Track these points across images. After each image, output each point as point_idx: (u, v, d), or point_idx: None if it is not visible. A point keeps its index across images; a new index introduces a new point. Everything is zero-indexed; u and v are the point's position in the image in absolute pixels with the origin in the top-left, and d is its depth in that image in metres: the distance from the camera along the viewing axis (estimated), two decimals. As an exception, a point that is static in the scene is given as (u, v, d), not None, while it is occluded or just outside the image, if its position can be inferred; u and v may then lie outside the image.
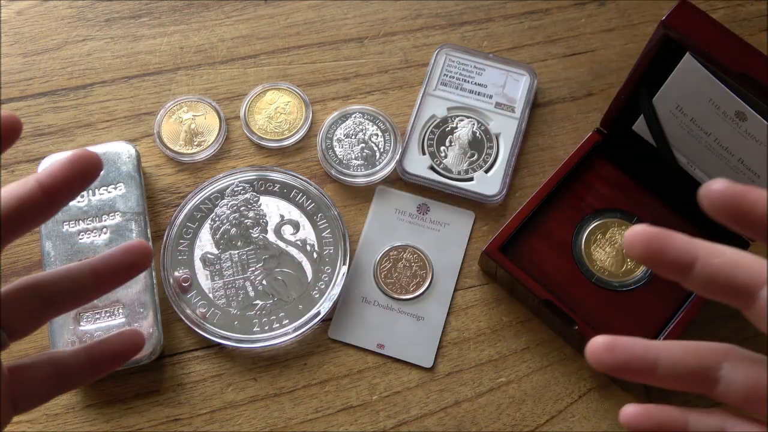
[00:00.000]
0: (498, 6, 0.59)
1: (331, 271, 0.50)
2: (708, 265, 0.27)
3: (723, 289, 0.27)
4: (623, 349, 0.28)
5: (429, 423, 0.48)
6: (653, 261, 0.27)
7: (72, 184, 0.32)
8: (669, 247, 0.27)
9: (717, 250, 0.27)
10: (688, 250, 0.27)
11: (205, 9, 0.59)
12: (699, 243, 0.27)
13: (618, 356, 0.28)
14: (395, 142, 0.54)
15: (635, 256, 0.27)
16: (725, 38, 0.41)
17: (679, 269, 0.27)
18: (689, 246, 0.27)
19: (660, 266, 0.27)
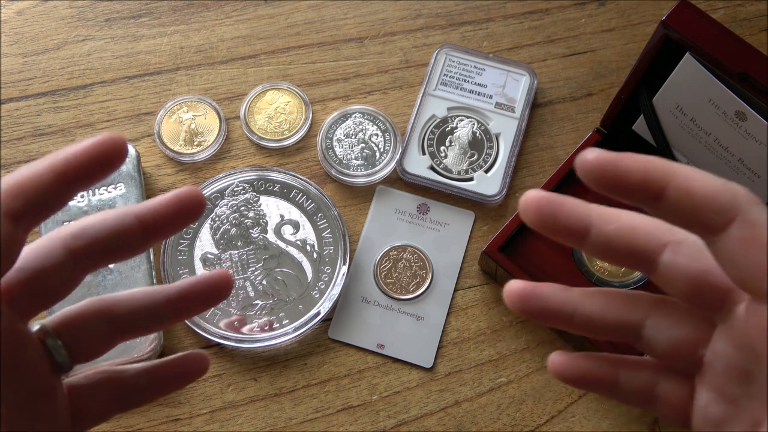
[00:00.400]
0: (498, 6, 0.59)
1: (331, 271, 0.50)
2: (603, 232, 0.26)
3: (621, 256, 0.26)
4: (537, 300, 0.27)
5: (429, 423, 0.48)
6: (545, 227, 0.26)
7: (173, 224, 0.29)
8: (561, 213, 0.26)
9: (612, 215, 0.26)
10: (582, 215, 0.26)
11: (205, 9, 0.59)
12: (593, 208, 0.26)
13: (532, 306, 0.27)
14: (395, 142, 0.54)
15: (528, 222, 0.26)
16: (725, 38, 0.41)
17: (573, 236, 0.26)
18: (582, 212, 0.26)
19: (553, 232, 0.26)
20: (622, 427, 0.48)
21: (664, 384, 0.27)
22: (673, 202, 0.23)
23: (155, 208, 0.28)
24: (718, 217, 0.23)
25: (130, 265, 0.48)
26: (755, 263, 0.22)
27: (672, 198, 0.23)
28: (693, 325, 0.26)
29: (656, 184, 0.24)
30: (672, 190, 0.23)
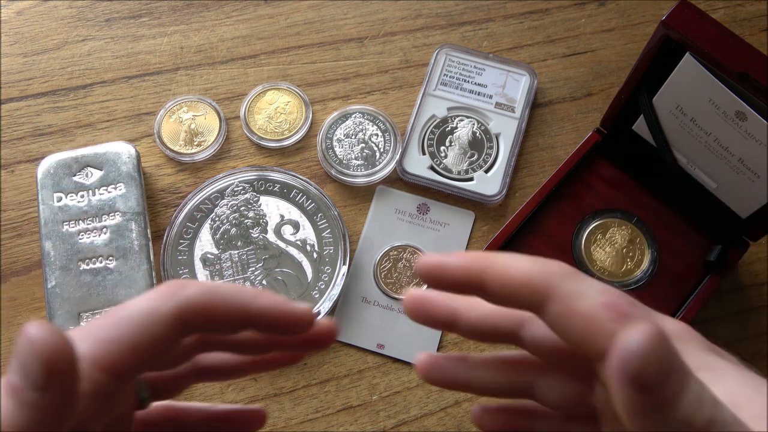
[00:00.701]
0: (498, 6, 0.59)
1: (331, 271, 0.50)
2: (469, 319, 0.29)
3: (489, 336, 0.29)
4: (439, 372, 0.31)
5: (429, 423, 0.48)
6: (421, 320, 0.29)
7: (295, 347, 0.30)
8: (431, 308, 0.29)
9: (474, 303, 0.29)
10: (448, 308, 0.29)
11: (205, 9, 0.59)
12: (459, 300, 0.29)
13: (435, 377, 0.31)
14: (395, 142, 0.54)
15: (409, 317, 0.29)
16: (725, 38, 0.41)
17: (446, 325, 0.29)
18: (448, 305, 0.29)
19: (428, 323, 0.29)
20: (622, 427, 0.48)
21: (575, 429, 0.30)
22: (495, 291, 0.26)
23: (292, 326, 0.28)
24: (534, 298, 0.25)
25: (131, 265, 0.48)
26: (577, 332, 0.24)
27: (493, 288, 0.26)
28: (576, 381, 0.28)
29: (476, 279, 0.26)
30: (490, 282, 0.26)
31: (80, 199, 0.49)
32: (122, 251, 0.48)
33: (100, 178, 0.50)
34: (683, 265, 0.50)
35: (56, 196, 0.50)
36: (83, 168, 0.50)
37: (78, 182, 0.50)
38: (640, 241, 0.51)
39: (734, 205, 0.48)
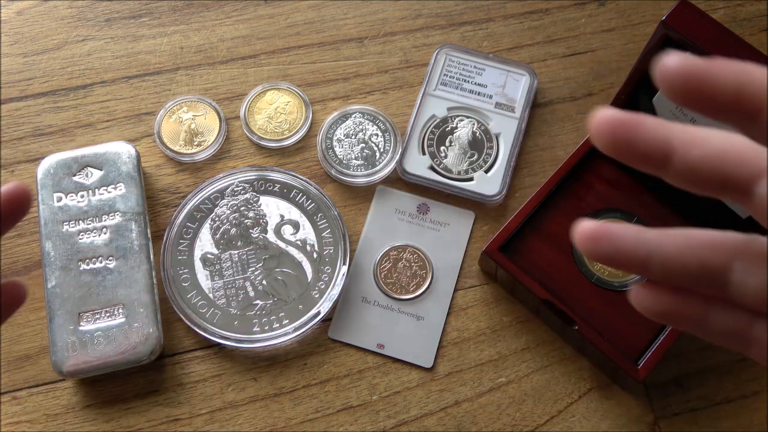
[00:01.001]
0: (498, 6, 0.59)
1: (331, 271, 0.50)
2: (688, 157, 0.22)
3: (709, 185, 0.23)
4: (609, 241, 0.25)
5: (429, 423, 0.48)
6: (620, 152, 0.22)
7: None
8: (638, 135, 0.22)
9: (699, 137, 0.22)
10: (662, 138, 0.22)
11: (205, 9, 0.59)
12: (676, 129, 0.22)
13: (603, 248, 0.25)
14: (395, 142, 0.54)
15: (600, 147, 0.22)
16: (725, 38, 0.41)
17: (652, 162, 0.22)
18: (663, 133, 0.22)
19: (630, 159, 0.23)
20: (622, 427, 0.48)
21: (759, 327, 0.25)
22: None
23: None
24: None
25: (130, 265, 0.48)
26: None
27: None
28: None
29: (753, 101, 0.20)
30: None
31: (80, 199, 0.49)
32: (122, 251, 0.48)
33: (100, 178, 0.50)
34: (683, 265, 0.50)
35: (56, 196, 0.50)
36: (83, 168, 0.50)
37: (78, 182, 0.50)
38: (640, 241, 0.51)
39: (734, 206, 0.48)
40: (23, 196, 0.30)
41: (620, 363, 0.46)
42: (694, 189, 0.23)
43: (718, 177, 0.22)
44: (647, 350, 0.47)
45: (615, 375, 0.48)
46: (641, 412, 0.48)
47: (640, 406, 0.48)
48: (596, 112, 0.22)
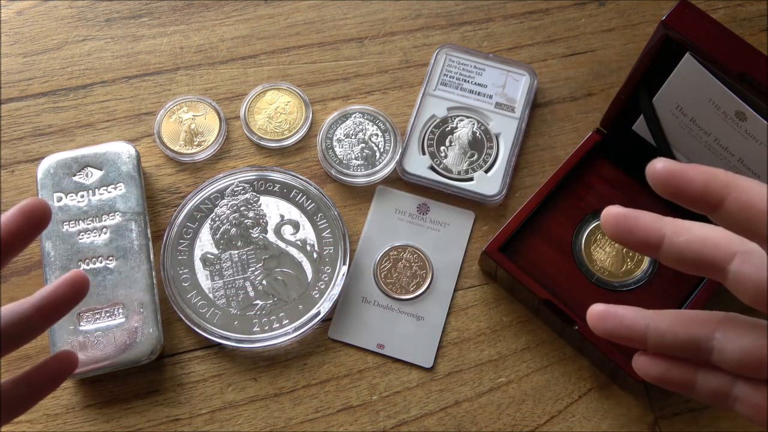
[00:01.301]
0: (498, 6, 0.59)
1: (331, 271, 0.50)
2: (675, 243, 0.28)
3: (693, 265, 0.28)
4: (614, 319, 0.31)
5: (429, 423, 0.48)
6: (623, 240, 0.29)
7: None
8: (636, 227, 0.28)
9: (683, 227, 0.28)
10: (655, 228, 0.28)
11: (205, 9, 0.59)
12: (666, 221, 0.28)
13: (609, 325, 0.31)
14: (395, 142, 0.54)
15: (607, 235, 0.29)
16: (725, 38, 0.41)
17: (647, 247, 0.28)
18: (656, 225, 0.28)
19: (630, 245, 0.29)
20: (622, 427, 0.48)
21: (741, 386, 0.29)
22: (732, 212, 0.26)
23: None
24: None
25: (131, 265, 0.48)
26: None
27: (730, 209, 0.25)
28: (761, 334, 0.28)
29: (716, 196, 0.26)
30: (731, 202, 0.25)
31: (80, 199, 0.49)
32: (122, 251, 0.48)
33: (100, 178, 0.50)
34: (683, 265, 0.50)
35: (56, 196, 0.50)
36: (83, 168, 0.50)
37: (78, 182, 0.50)
38: (640, 241, 0.51)
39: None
40: (43, 212, 0.33)
41: (620, 363, 0.46)
42: (682, 269, 0.29)
43: (699, 258, 0.28)
44: (647, 350, 0.47)
45: (615, 375, 0.48)
46: (641, 412, 0.48)
47: (640, 406, 0.48)
48: (606, 209, 0.29)
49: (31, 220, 0.33)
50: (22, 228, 0.32)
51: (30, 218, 0.33)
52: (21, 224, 0.32)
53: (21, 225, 0.32)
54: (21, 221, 0.32)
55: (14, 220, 0.32)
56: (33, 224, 0.33)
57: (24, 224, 0.33)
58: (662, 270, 0.50)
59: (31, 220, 0.33)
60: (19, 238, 0.33)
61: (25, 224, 0.33)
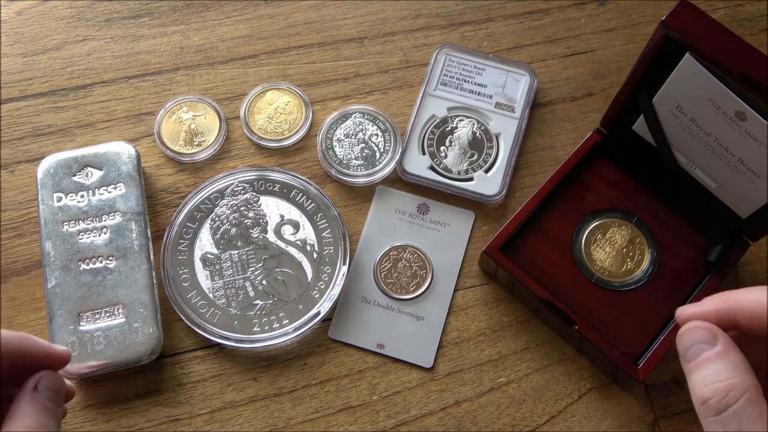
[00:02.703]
0: (498, 6, 0.59)
1: (331, 271, 0.50)
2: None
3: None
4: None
5: (429, 423, 0.48)
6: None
7: None
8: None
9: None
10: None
11: (205, 9, 0.59)
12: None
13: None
14: (395, 142, 0.54)
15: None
16: (725, 38, 0.41)
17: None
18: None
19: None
20: (622, 427, 0.48)
21: None
22: (746, 325, 0.34)
23: None
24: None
25: (131, 265, 0.48)
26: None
27: (744, 324, 0.34)
28: None
29: (731, 320, 0.35)
30: (741, 319, 0.34)
31: (80, 199, 0.49)
32: (122, 251, 0.48)
33: (100, 178, 0.50)
34: (683, 265, 0.50)
35: (56, 196, 0.50)
36: (83, 168, 0.50)
37: (78, 182, 0.50)
38: (640, 241, 0.51)
39: (734, 205, 0.48)
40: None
41: (620, 363, 0.46)
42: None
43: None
44: (647, 350, 0.47)
45: (615, 375, 0.48)
46: (641, 412, 0.48)
47: (640, 406, 0.48)
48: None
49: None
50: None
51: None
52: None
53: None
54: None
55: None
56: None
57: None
58: (662, 270, 0.50)
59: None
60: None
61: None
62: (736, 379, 0.33)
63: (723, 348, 0.34)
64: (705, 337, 0.35)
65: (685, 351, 0.36)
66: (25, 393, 0.35)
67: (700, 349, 0.35)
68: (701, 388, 0.34)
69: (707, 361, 0.35)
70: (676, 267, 0.50)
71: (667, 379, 0.49)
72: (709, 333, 0.35)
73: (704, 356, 0.35)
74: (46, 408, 0.35)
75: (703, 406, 0.34)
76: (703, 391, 0.34)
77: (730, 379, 0.33)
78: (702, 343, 0.35)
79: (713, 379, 0.34)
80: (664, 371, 0.49)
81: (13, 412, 0.35)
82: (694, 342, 0.35)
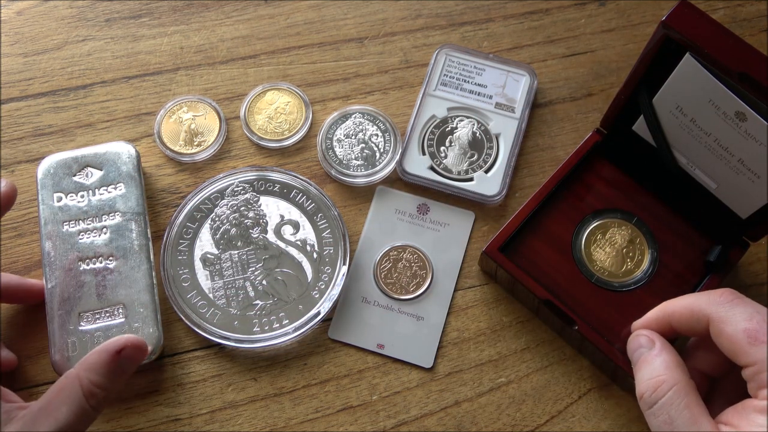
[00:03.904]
0: (498, 6, 0.59)
1: (331, 271, 0.50)
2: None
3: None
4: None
5: (429, 423, 0.48)
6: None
7: None
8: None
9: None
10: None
11: (205, 9, 0.59)
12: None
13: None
14: (395, 143, 0.54)
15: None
16: (725, 38, 0.41)
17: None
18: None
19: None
20: (622, 427, 0.48)
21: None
22: (680, 328, 0.41)
23: None
24: (701, 323, 0.39)
25: (131, 265, 0.48)
26: (726, 349, 0.38)
27: (678, 327, 0.41)
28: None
29: (666, 326, 0.42)
30: (675, 323, 0.41)
31: (80, 199, 0.49)
32: (122, 251, 0.48)
33: (100, 178, 0.50)
34: (683, 265, 0.50)
35: (56, 196, 0.50)
36: (83, 168, 0.50)
37: (78, 182, 0.50)
38: (640, 241, 0.51)
39: (734, 205, 0.48)
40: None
41: (620, 363, 0.46)
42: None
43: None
44: (647, 350, 0.47)
45: (615, 375, 0.48)
46: (641, 412, 0.48)
47: (640, 406, 0.48)
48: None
49: None
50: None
51: None
52: None
53: None
54: None
55: None
56: None
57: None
58: (662, 270, 0.50)
59: None
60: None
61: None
62: (665, 376, 0.38)
63: (658, 350, 0.40)
64: (645, 342, 0.41)
65: (631, 355, 0.41)
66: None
67: (641, 353, 0.40)
68: (638, 385, 0.39)
69: (644, 362, 0.40)
70: (676, 267, 0.50)
71: (667, 379, 0.49)
72: (648, 338, 0.41)
73: (642, 358, 0.40)
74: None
75: (640, 401, 0.39)
76: (639, 388, 0.39)
77: (660, 375, 0.38)
78: (642, 348, 0.41)
79: (647, 377, 0.39)
80: (664, 371, 0.48)
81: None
82: (637, 346, 0.41)
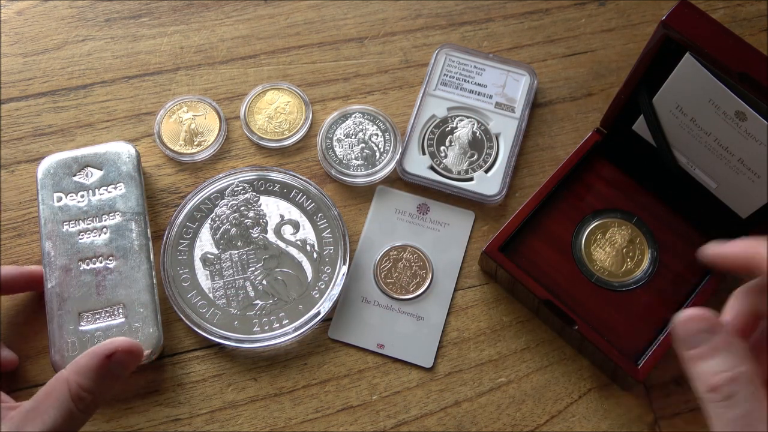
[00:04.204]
0: (498, 6, 0.59)
1: (331, 271, 0.50)
2: None
3: None
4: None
5: (429, 423, 0.48)
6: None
7: None
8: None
9: None
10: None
11: (205, 9, 0.59)
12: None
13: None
14: (395, 142, 0.54)
15: None
16: (725, 38, 0.41)
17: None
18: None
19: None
20: (622, 427, 0.48)
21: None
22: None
23: None
24: None
25: (131, 265, 0.48)
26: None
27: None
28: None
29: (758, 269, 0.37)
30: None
31: (80, 199, 0.49)
32: (122, 251, 0.48)
33: (100, 178, 0.50)
34: (683, 265, 0.50)
35: (56, 196, 0.50)
36: (83, 168, 0.50)
37: (78, 182, 0.50)
38: (640, 241, 0.51)
39: (734, 205, 0.48)
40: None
41: (620, 363, 0.46)
42: None
43: None
44: (647, 350, 0.47)
45: (615, 375, 0.48)
46: (641, 412, 0.48)
47: (640, 406, 0.48)
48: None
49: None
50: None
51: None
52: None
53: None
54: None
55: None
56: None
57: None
58: (662, 270, 0.50)
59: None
60: None
61: None
62: (744, 367, 0.35)
63: (727, 337, 0.36)
64: (707, 327, 0.36)
65: (686, 339, 0.36)
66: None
67: (704, 338, 0.36)
68: (707, 377, 0.35)
69: (714, 349, 0.36)
70: (676, 267, 0.50)
71: (667, 379, 0.49)
72: (711, 323, 0.36)
73: (710, 345, 0.36)
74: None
75: (709, 394, 0.35)
76: (711, 380, 0.35)
77: (738, 366, 0.35)
78: (704, 333, 0.36)
79: (721, 368, 0.35)
80: (664, 371, 0.48)
81: None
82: (697, 331, 0.36)
